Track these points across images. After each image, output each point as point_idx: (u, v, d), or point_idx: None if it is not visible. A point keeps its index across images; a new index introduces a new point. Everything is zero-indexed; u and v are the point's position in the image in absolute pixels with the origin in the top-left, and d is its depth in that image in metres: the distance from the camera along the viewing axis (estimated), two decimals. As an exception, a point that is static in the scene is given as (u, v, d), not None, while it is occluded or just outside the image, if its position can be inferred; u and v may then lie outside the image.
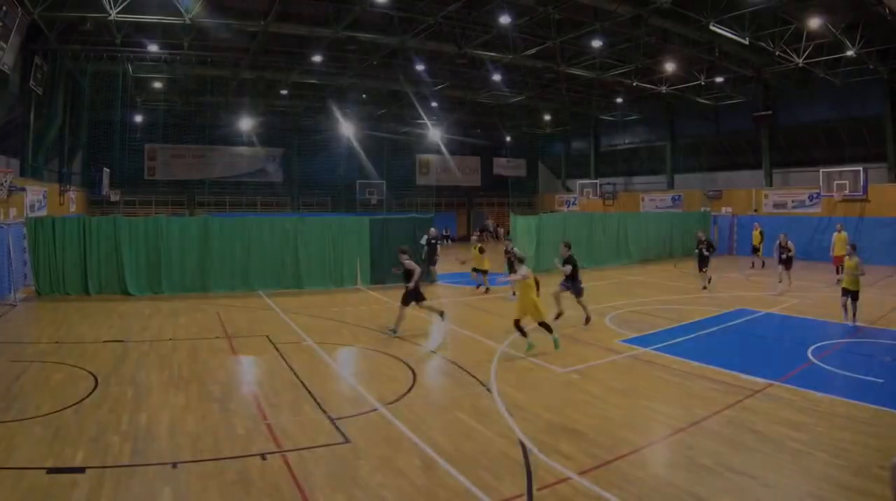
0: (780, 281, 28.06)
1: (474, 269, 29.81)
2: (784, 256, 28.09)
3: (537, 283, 17.48)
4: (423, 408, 12.64)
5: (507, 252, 27.21)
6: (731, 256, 46.82)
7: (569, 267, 21.48)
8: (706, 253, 29.13)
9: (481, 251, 29.30)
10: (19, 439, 10.63)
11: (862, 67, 38.49)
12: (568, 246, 22.54)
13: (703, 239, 29.62)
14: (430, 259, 30.51)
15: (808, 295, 27.14)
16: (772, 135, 48.87)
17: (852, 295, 20.48)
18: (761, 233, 38.89)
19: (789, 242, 28.08)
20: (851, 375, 14.92)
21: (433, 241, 30.89)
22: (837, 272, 30.12)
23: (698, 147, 56.64)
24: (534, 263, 34.61)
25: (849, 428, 11.34)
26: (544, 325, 17.19)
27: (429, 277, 30.20)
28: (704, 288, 28.83)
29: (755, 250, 38.55)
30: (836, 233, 31.56)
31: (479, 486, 9.11)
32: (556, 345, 16.93)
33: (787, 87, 45.97)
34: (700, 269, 29.33)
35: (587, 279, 32.07)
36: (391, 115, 61.41)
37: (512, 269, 24.37)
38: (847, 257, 21.50)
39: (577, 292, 21.57)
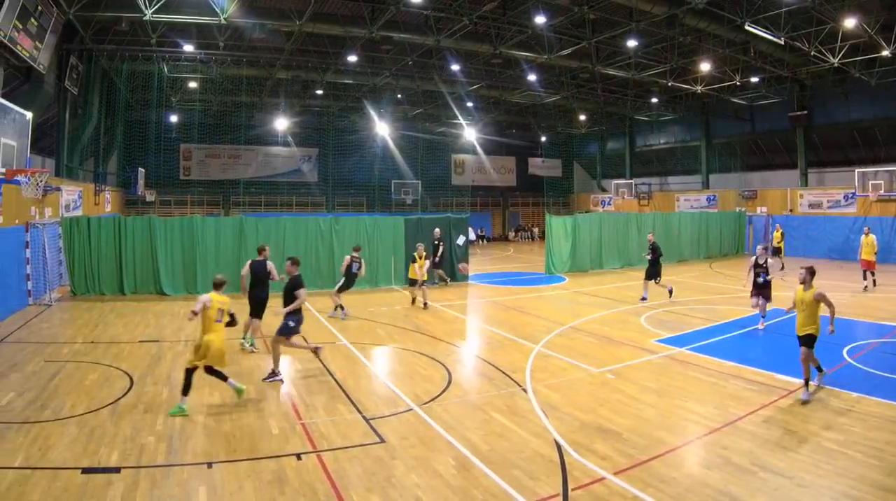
0: (761, 314, 21.08)
1: (411, 281, 25.96)
2: (761, 278, 20.98)
3: (232, 317, 13.74)
4: (458, 408, 12.66)
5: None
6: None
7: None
8: (649, 257, 26.28)
9: (418, 258, 25.54)
10: (54, 439, 10.73)
11: (897, 67, 38.18)
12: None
13: (652, 242, 26.68)
14: (433, 260, 29.62)
15: (843, 296, 26.70)
16: (807, 135, 48.37)
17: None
18: (782, 233, 38.51)
19: (769, 259, 21.49)
20: (887, 375, 14.80)
21: (435, 242, 29.66)
22: (865, 278, 28.91)
23: (733, 147, 56.25)
24: (569, 264, 34.54)
25: (884, 428, 11.27)
26: (215, 372, 13.04)
27: (432, 280, 29.83)
28: (644, 299, 25.90)
29: (776, 251, 36.80)
30: (863, 237, 29.70)
31: (514, 486, 9.13)
32: (240, 394, 13.17)
33: (822, 87, 45.62)
34: (652, 278, 26.19)
35: (622, 279, 32.12)
36: (426, 115, 61.43)
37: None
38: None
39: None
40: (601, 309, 23.80)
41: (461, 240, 31.94)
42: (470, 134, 63.43)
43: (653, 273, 26.04)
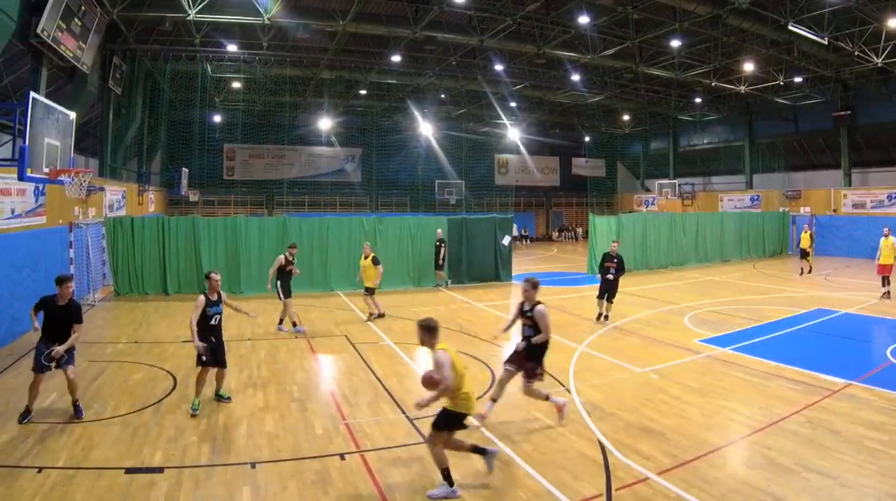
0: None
1: (367, 289, 22.48)
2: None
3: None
4: (501, 408, 12.51)
5: None
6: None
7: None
8: (612, 275, 21.48)
9: (375, 262, 22.21)
10: (98, 439, 10.83)
11: (942, 67, 37.64)
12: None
13: (615, 253, 22.07)
14: (435, 262, 29.74)
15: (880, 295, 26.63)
16: (850, 135, 47.94)
17: None
18: (811, 235, 36.66)
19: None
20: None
21: (438, 243, 29.75)
22: (884, 284, 26.88)
23: (777, 147, 55.85)
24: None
25: (928, 429, 11.25)
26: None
27: (435, 281, 30.08)
28: (600, 317, 21.54)
29: (804, 254, 35.52)
30: (882, 239, 27.19)
31: (557, 486, 9.13)
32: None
33: (866, 87, 45.27)
34: (608, 297, 21.67)
35: (667, 279, 31.92)
36: (470, 115, 61.56)
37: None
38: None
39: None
40: (644, 309, 23.75)
41: (506, 240, 31.88)
42: (513, 134, 63.33)
43: (609, 288, 21.43)
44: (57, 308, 11.83)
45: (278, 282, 19.92)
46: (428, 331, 9.48)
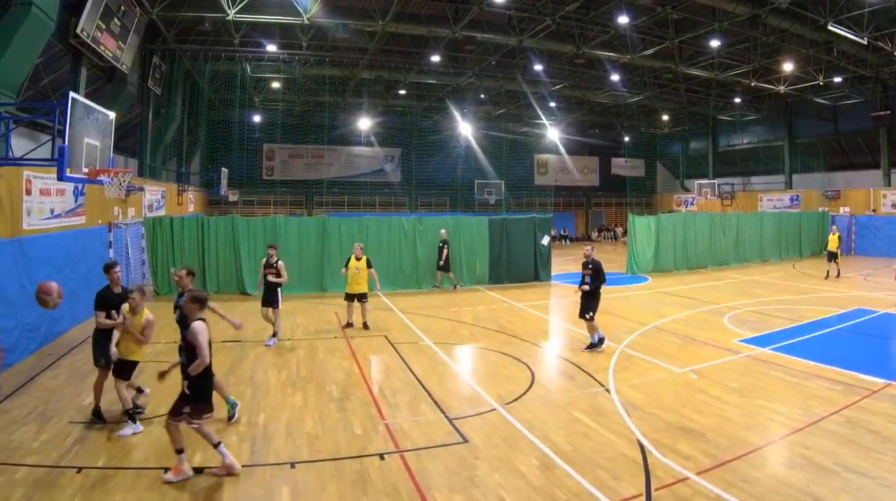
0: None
1: (351, 296, 20.65)
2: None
3: None
4: (541, 408, 12.62)
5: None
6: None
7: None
8: (587, 284, 17.62)
9: (369, 265, 20.62)
10: (138, 439, 10.93)
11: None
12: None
13: (590, 259, 17.93)
14: (437, 263, 29.42)
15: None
16: (890, 135, 47.41)
17: None
18: (839, 237, 33.79)
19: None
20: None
21: (440, 244, 29.30)
22: None
23: (816, 147, 55.37)
24: (652, 264, 34.26)
25: (968, 428, 11.16)
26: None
27: (437, 283, 29.76)
28: (593, 346, 17.58)
29: (832, 256, 33.06)
30: None
31: (597, 486, 9.10)
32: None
33: (905, 87, 44.74)
34: (582, 314, 17.77)
35: (707, 279, 31.73)
36: (509, 115, 61.39)
37: None
38: None
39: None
40: (684, 309, 23.63)
41: (545, 240, 31.82)
42: (553, 134, 63.15)
43: (585, 302, 17.69)
44: (115, 296, 11.98)
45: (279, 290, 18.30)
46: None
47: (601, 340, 17.64)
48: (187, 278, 13.11)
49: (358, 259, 20.40)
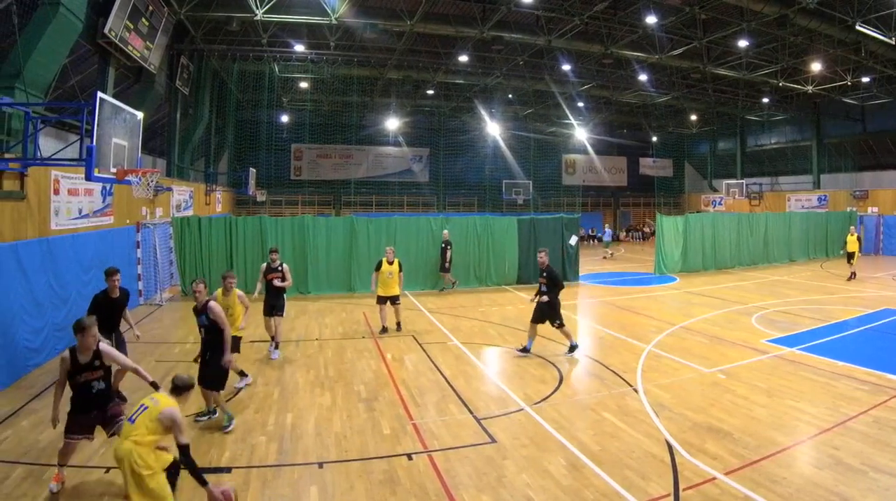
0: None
1: (384, 298, 20.14)
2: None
3: None
4: (568, 408, 12.62)
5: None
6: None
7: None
8: (543, 292, 17.05)
9: (400, 268, 20.33)
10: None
11: None
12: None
13: (545, 267, 17.47)
14: (441, 264, 29.11)
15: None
16: (919, 135, 46.96)
17: None
18: (858, 238, 33.12)
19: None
20: None
21: (443, 245, 28.82)
22: None
23: (844, 147, 55.10)
24: (680, 264, 34.15)
25: None
26: None
27: (445, 285, 29.43)
28: (571, 348, 17.05)
29: (851, 257, 32.16)
30: None
31: (624, 486, 9.11)
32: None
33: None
34: (551, 322, 17.03)
35: (735, 279, 31.58)
36: (537, 115, 61.44)
37: None
38: None
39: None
40: (712, 310, 23.52)
41: (573, 240, 31.73)
42: (581, 134, 62.91)
43: (548, 312, 16.98)
44: (111, 301, 12.60)
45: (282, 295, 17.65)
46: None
47: (574, 347, 17.09)
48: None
49: (390, 263, 20.02)
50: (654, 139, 73.51)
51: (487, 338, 19.38)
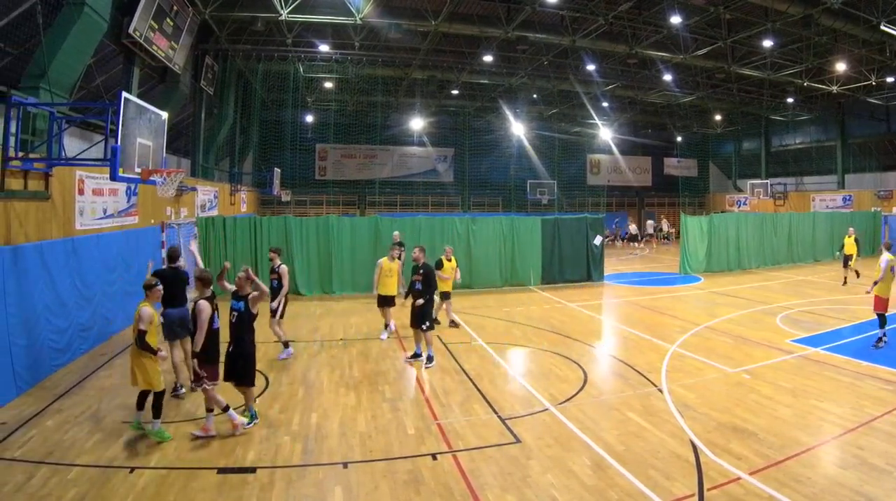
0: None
1: (444, 294, 20.57)
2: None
3: None
4: (593, 408, 12.61)
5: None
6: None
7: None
8: (418, 290, 16.39)
9: (445, 261, 20.70)
10: (190, 441, 10.96)
11: None
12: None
13: (420, 263, 17.03)
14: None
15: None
16: (943, 135, 46.62)
17: None
18: (855, 239, 31.00)
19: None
20: None
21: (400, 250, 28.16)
22: None
23: (869, 147, 54.71)
24: (705, 264, 34.00)
25: None
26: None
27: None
28: (417, 356, 16.53)
29: (848, 260, 30.50)
30: None
31: (649, 486, 9.10)
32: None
33: (959, 87, 43.95)
34: (418, 324, 16.29)
35: (760, 279, 31.42)
36: (561, 115, 61.21)
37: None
38: None
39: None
40: (737, 309, 23.43)
41: (598, 240, 31.60)
42: (605, 134, 62.75)
43: (419, 314, 16.25)
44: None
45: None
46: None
47: (430, 358, 16.20)
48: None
49: (449, 260, 20.60)
50: (679, 139, 73.01)
51: (512, 338, 19.35)
